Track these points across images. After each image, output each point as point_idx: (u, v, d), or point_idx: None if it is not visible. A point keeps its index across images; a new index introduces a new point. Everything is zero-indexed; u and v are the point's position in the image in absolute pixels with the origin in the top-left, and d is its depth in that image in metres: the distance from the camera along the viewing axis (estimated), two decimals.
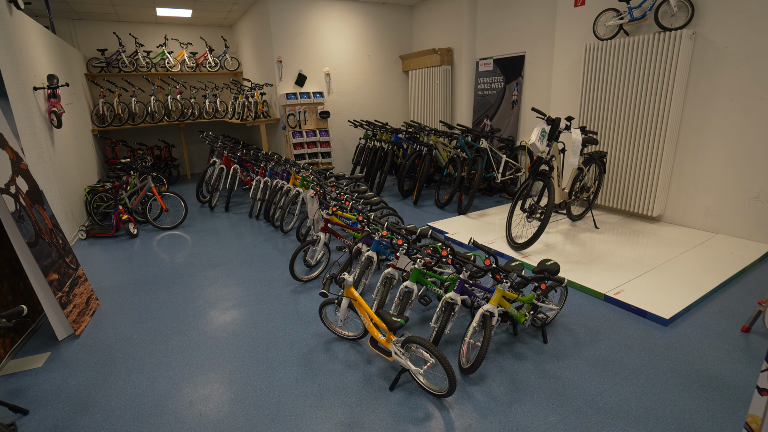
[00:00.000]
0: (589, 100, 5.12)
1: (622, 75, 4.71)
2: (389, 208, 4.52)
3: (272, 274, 3.96)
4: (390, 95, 8.60)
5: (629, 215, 5.15)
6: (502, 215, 5.39)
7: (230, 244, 4.87)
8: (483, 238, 4.59)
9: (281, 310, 3.29)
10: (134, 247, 4.93)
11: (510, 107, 6.72)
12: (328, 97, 7.93)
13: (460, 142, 5.92)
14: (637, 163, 4.76)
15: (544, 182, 3.98)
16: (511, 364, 2.52)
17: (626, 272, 3.60)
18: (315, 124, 7.73)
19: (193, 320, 3.20)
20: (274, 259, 4.33)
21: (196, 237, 5.18)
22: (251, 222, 5.69)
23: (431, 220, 5.37)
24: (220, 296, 3.57)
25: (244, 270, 4.10)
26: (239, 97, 7.77)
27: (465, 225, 5.06)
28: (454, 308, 2.51)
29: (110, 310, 3.42)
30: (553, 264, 2.58)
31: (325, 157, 7.81)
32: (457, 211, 5.72)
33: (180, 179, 8.98)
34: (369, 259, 3.19)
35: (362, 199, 4.17)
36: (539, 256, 4.02)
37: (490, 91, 7.00)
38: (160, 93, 8.70)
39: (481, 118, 7.29)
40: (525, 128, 6.55)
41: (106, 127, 7.69)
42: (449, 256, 2.40)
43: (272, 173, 5.85)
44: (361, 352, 2.70)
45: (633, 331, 2.82)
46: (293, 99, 7.38)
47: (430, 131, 6.37)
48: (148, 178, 5.45)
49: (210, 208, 6.46)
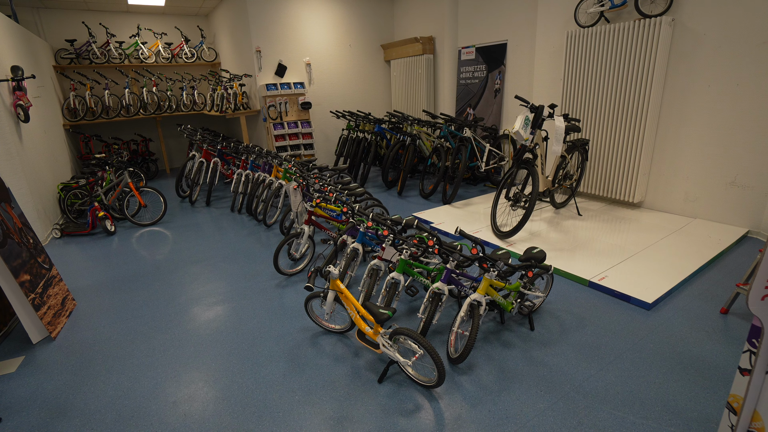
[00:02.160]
0: (571, 87, 5.14)
1: (603, 62, 4.74)
2: (374, 199, 4.48)
3: (256, 268, 3.89)
4: (372, 85, 8.50)
5: (611, 202, 5.22)
6: (486, 204, 5.40)
7: (212, 239, 4.76)
8: (468, 227, 4.59)
9: (266, 305, 3.23)
10: (112, 244, 4.78)
11: (493, 96, 6.71)
12: (310, 87, 7.80)
13: (443, 131, 5.89)
14: (619, 150, 4.81)
15: (528, 170, 3.98)
16: (499, 353, 2.52)
17: (609, 258, 3.64)
18: (296, 115, 7.61)
19: (175, 318, 3.11)
20: (258, 253, 4.25)
21: (176, 233, 5.05)
22: (233, 216, 5.58)
23: (416, 211, 5.35)
24: (202, 293, 3.49)
25: (227, 265, 4.01)
26: (218, 88, 7.57)
27: (450, 215, 5.05)
28: (441, 298, 2.49)
29: (88, 310, 3.31)
30: (539, 252, 2.58)
31: (308, 149, 7.70)
32: (441, 201, 5.71)
33: (158, 174, 8.75)
34: (354, 251, 3.15)
35: (346, 191, 4.12)
36: (525, 244, 4.04)
37: (473, 80, 6.98)
38: (134, 85, 8.43)
39: (464, 108, 7.27)
40: (508, 117, 6.56)
41: (79, 122, 7.41)
42: (435, 245, 2.37)
43: (253, 166, 5.73)
44: (348, 345, 2.67)
45: (617, 316, 2.86)
46: (273, 90, 7.23)
47: (413, 121, 6.32)
48: (125, 174, 5.28)
49: (190, 203, 6.31)
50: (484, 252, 2.25)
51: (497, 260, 2.26)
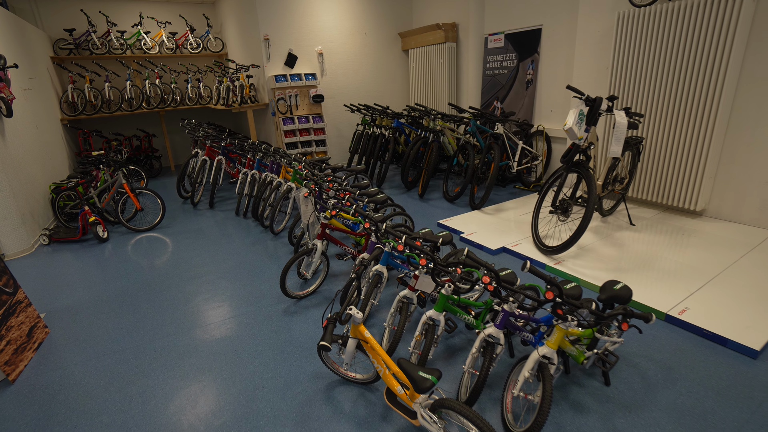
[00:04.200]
0: (621, 77, 4.47)
1: (662, 47, 4.06)
2: (396, 206, 3.90)
3: (260, 288, 3.35)
4: (389, 77, 7.88)
5: (666, 209, 4.56)
6: (520, 210, 4.78)
7: (213, 248, 4.23)
8: (504, 238, 3.98)
9: (271, 339, 2.68)
10: (103, 253, 4.28)
11: (524, 88, 6.05)
12: (322, 79, 7.21)
13: (471, 127, 5.27)
14: (679, 149, 4.14)
15: (582, 174, 3.36)
16: (571, 420, 1.93)
17: (685, 283, 3.01)
18: (308, 109, 7.04)
19: (162, 356, 2.58)
20: (264, 267, 3.71)
21: (175, 240, 4.54)
22: (238, 221, 5.05)
23: (441, 217, 4.75)
24: (196, 319, 2.95)
25: (228, 283, 3.47)
26: (224, 80, 7.03)
27: (481, 222, 4.45)
28: (496, 350, 1.91)
29: (62, 340, 2.80)
30: (623, 288, 1.97)
31: (320, 146, 7.13)
32: (469, 205, 5.11)
33: (162, 172, 8.27)
34: (378, 275, 2.58)
35: (365, 197, 3.54)
36: (575, 261, 3.43)
37: (501, 71, 6.33)
38: (137, 77, 7.93)
39: (490, 101, 6.62)
40: (541, 111, 5.90)
41: (77, 116, 6.95)
42: (492, 284, 1.79)
43: (260, 165, 5.18)
44: (374, 402, 2.10)
45: (715, 366, 2.24)
46: (283, 81, 6.66)
47: (436, 115, 5.71)
48: (119, 174, 4.78)
49: (192, 205, 5.80)
50: (562, 294, 1.66)
51: (580, 306, 1.66)
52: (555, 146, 5.80)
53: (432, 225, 4.55)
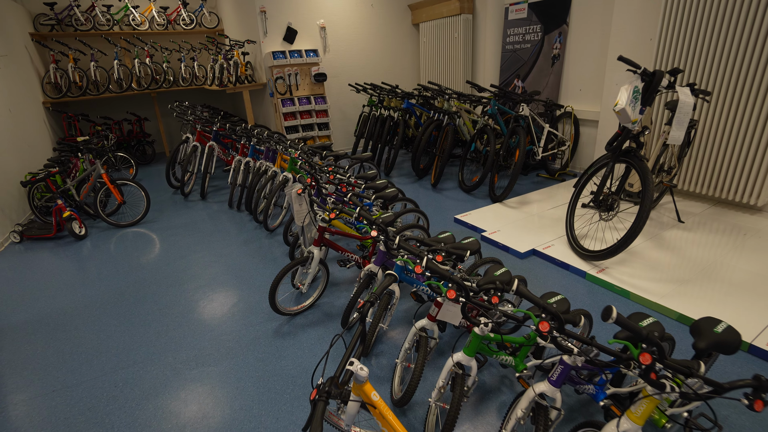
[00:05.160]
0: (670, 50, 3.83)
1: (723, 13, 3.41)
2: (407, 200, 3.36)
3: (249, 299, 2.85)
4: (398, 53, 7.23)
5: (716, 203, 3.96)
6: (547, 202, 4.21)
7: (200, 247, 3.74)
8: (533, 238, 3.43)
9: (257, 370, 2.19)
10: (78, 253, 3.81)
11: (549, 64, 5.41)
12: (324, 56, 6.59)
13: (491, 108, 4.67)
14: (739, 134, 3.52)
15: (633, 165, 2.78)
16: None
17: (764, 299, 2.46)
18: (309, 89, 6.44)
19: (123, 393, 2.11)
20: (255, 273, 3.21)
21: (158, 237, 4.05)
22: (230, 215, 4.55)
23: (457, 210, 4.20)
24: (170, 342, 2.47)
25: (212, 293, 2.98)
26: (218, 58, 6.45)
27: (504, 218, 3.90)
28: (550, 414, 1.39)
29: (6, 369, 2.33)
30: (727, 331, 1.43)
31: (323, 129, 6.56)
32: (489, 196, 4.55)
33: (156, 158, 7.77)
34: (388, 295, 2.06)
35: (373, 191, 3.00)
36: (620, 269, 2.88)
37: (524, 45, 5.67)
38: (125, 56, 7.36)
39: (510, 79, 5.98)
40: (568, 90, 5.26)
41: (61, 98, 6.42)
42: (552, 332, 1.26)
43: (255, 152, 4.65)
44: None
45: None
46: (281, 59, 6.06)
47: (452, 95, 5.10)
48: (97, 162, 4.27)
49: (183, 195, 5.30)
50: (664, 357, 1.13)
51: (689, 374, 1.13)
52: (583, 130, 5.19)
53: (447, 220, 4.01)
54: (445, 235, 2.33)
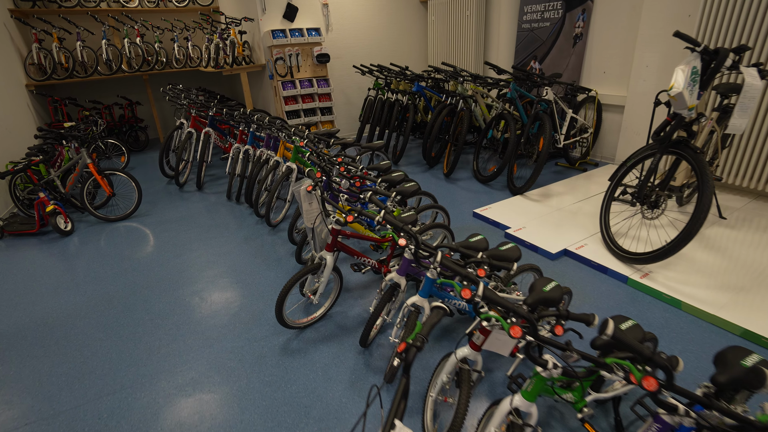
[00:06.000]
0: (714, 26, 3.46)
1: None
2: (425, 194, 3.03)
3: (253, 307, 2.55)
4: (404, 33, 6.80)
5: (757, 196, 3.65)
6: (571, 195, 3.89)
7: (196, 245, 3.43)
8: (563, 236, 3.12)
9: (263, 397, 1.90)
10: (64, 251, 3.50)
11: (570, 44, 5.02)
12: (327, 35, 6.17)
13: (511, 92, 4.30)
14: None
15: (686, 158, 2.45)
16: None
17: None
18: (311, 71, 6.04)
19: (107, 430, 1.81)
20: (258, 275, 2.91)
21: (151, 233, 3.73)
22: (229, 207, 4.22)
23: (473, 203, 3.89)
24: (164, 361, 2.17)
25: (211, 299, 2.68)
26: (213, 37, 6.02)
27: (527, 213, 3.58)
28: None
29: None
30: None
31: (325, 114, 6.18)
32: (507, 188, 4.22)
33: (150, 144, 7.38)
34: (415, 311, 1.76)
35: (388, 184, 2.67)
36: (665, 274, 2.58)
37: (542, 23, 5.26)
38: (114, 36, 6.90)
39: (526, 60, 5.59)
40: (591, 72, 4.89)
41: (46, 81, 6.01)
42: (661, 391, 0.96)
43: (254, 139, 4.29)
44: None
45: None
46: (281, 38, 5.65)
47: (467, 78, 4.73)
48: (83, 151, 3.92)
49: (178, 186, 4.95)
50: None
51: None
52: (606, 116, 4.84)
53: (464, 214, 3.70)
54: (477, 238, 2.02)
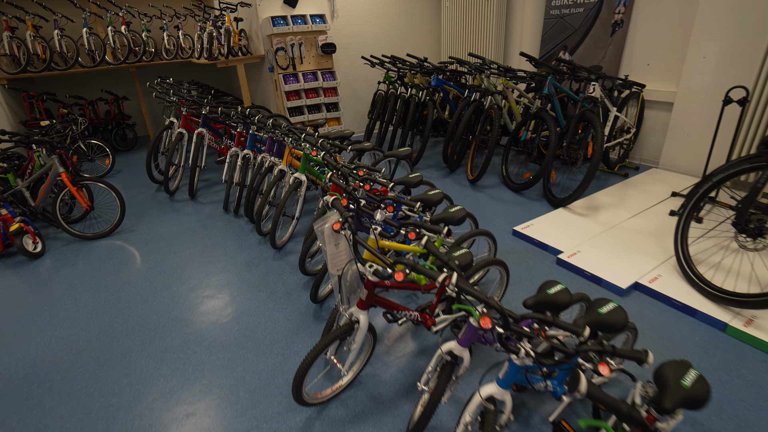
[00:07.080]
0: None
1: None
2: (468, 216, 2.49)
3: (258, 368, 2.02)
4: (416, 21, 6.21)
5: None
6: (623, 208, 3.37)
7: (188, 272, 2.88)
8: (628, 264, 2.60)
9: None
10: (31, 278, 2.95)
11: (608, 33, 4.46)
12: (333, 22, 5.58)
13: (548, 88, 3.76)
14: None
15: None
16: None
17: None
18: (315, 62, 5.46)
19: None
20: (263, 317, 2.37)
21: (135, 256, 3.18)
22: (226, 221, 3.67)
23: (508, 216, 3.36)
24: None
25: (206, 354, 2.15)
26: (206, 25, 5.42)
27: (575, 231, 3.05)
28: None
29: None
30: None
31: (331, 111, 5.61)
32: (544, 197, 3.70)
33: (139, 143, 6.78)
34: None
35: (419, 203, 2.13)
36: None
37: (575, 9, 4.70)
38: (97, 23, 6.27)
39: (554, 51, 5.03)
40: (632, 65, 4.35)
41: (20, 74, 5.39)
42: None
43: (254, 142, 3.73)
44: None
45: None
46: (282, 26, 5.05)
47: (495, 71, 4.17)
48: (53, 159, 3.34)
49: (168, 193, 4.39)
50: None
51: None
52: (649, 113, 4.31)
53: (502, 231, 3.17)
54: (557, 289, 1.49)
